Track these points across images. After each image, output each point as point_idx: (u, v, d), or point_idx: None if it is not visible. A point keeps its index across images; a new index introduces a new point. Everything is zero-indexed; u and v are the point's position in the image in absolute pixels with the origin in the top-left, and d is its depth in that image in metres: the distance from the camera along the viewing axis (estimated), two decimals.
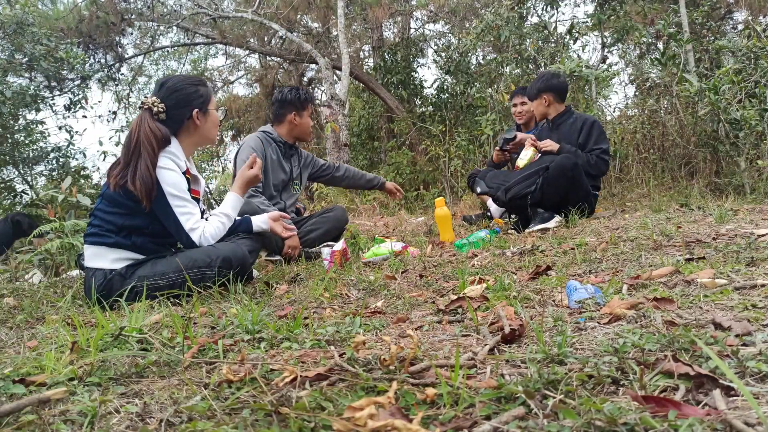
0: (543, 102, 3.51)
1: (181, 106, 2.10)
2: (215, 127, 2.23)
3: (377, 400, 0.73)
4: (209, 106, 2.19)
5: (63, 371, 1.02)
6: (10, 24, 6.71)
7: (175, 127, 2.11)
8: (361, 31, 10.92)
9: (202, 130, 2.17)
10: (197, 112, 2.13)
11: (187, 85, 2.14)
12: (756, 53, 5.19)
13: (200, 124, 2.15)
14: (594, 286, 1.38)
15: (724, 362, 0.80)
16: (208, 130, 2.19)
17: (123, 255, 2.04)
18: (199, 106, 2.14)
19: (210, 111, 2.19)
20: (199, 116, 2.14)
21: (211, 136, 2.22)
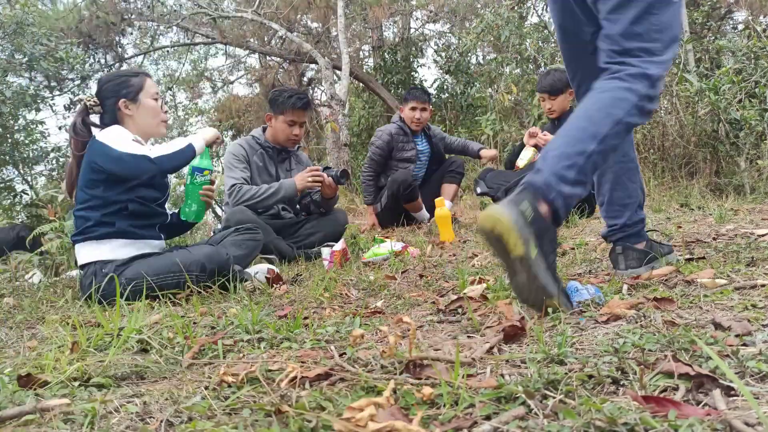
0: (569, 96, 3.49)
1: (109, 97, 2.15)
2: (152, 116, 2.19)
3: (377, 401, 0.73)
4: (141, 95, 2.17)
5: (65, 369, 1.02)
6: (10, 24, 6.71)
7: (110, 118, 2.17)
8: (361, 31, 10.92)
9: (136, 120, 2.17)
10: (124, 101, 2.15)
11: (118, 77, 2.20)
12: (756, 53, 5.19)
13: (131, 112, 2.16)
14: (594, 287, 1.37)
15: (724, 362, 0.80)
16: (142, 118, 2.17)
17: (115, 243, 2.06)
18: (126, 96, 2.15)
19: (142, 100, 2.17)
20: (128, 105, 2.15)
21: (147, 125, 2.19)
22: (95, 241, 2.06)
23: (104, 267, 2.03)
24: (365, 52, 11.75)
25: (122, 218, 2.07)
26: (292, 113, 3.05)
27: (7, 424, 0.81)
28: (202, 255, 2.03)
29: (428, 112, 4.09)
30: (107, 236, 2.06)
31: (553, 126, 3.58)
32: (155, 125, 2.22)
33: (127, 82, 2.17)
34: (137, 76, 2.20)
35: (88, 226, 2.06)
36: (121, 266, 2.02)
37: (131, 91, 2.16)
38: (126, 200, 2.07)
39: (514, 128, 6.53)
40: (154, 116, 2.20)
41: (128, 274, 2.00)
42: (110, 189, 2.05)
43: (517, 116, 7.02)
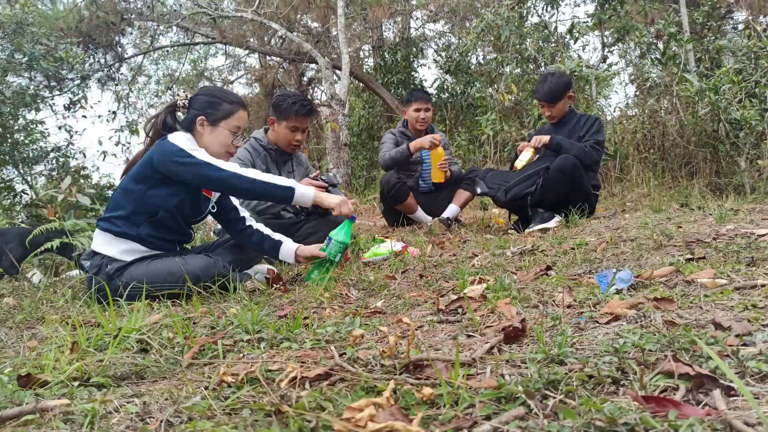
0: (568, 100, 3.51)
1: (195, 107, 2.16)
2: (219, 145, 2.16)
3: (377, 401, 0.73)
4: (221, 123, 2.15)
5: (65, 369, 1.02)
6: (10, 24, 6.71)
7: (186, 124, 2.19)
8: (361, 30, 10.92)
9: (204, 140, 2.15)
10: (202, 119, 2.14)
11: (215, 94, 2.20)
12: (756, 53, 5.19)
13: (201, 131, 2.15)
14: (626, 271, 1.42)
15: (724, 362, 0.80)
16: (209, 142, 2.15)
17: (128, 246, 2.07)
18: (208, 115, 2.14)
19: (219, 128, 2.15)
20: (203, 124, 2.15)
21: (212, 150, 2.14)
22: (113, 236, 2.07)
23: (109, 264, 2.04)
24: (365, 52, 11.76)
25: (148, 223, 2.08)
26: (296, 119, 3.04)
27: (7, 424, 0.81)
28: (197, 267, 2.02)
29: (431, 112, 4.11)
30: (126, 236, 2.06)
31: (553, 128, 3.57)
32: (215, 152, 2.15)
33: (217, 103, 2.16)
34: (230, 103, 2.18)
35: (115, 215, 2.07)
36: (122, 268, 2.03)
37: (218, 115, 2.15)
38: (160, 205, 2.06)
39: (514, 128, 6.53)
40: (220, 145, 2.17)
41: (126, 277, 2.01)
42: (154, 188, 2.06)
43: (517, 116, 7.01)
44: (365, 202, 6.61)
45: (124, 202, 2.07)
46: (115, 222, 2.07)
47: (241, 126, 2.21)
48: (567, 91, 3.47)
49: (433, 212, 4.00)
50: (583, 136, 3.40)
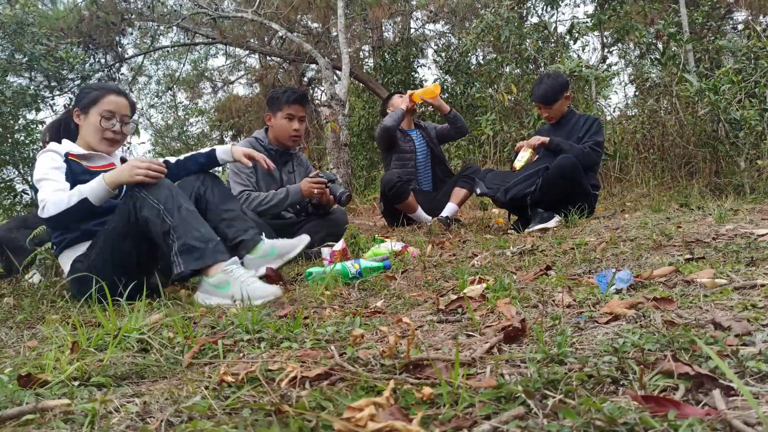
0: (564, 101, 3.51)
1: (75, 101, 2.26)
2: (94, 131, 2.20)
3: (377, 401, 0.73)
4: (91, 110, 2.20)
5: (65, 369, 1.02)
6: (10, 24, 6.71)
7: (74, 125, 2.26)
8: (361, 31, 10.92)
9: (82, 131, 2.23)
10: (77, 110, 2.23)
11: (88, 86, 2.28)
12: (756, 53, 5.19)
13: (79, 122, 2.23)
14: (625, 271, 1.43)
15: (723, 362, 0.80)
16: (86, 131, 2.22)
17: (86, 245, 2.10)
18: (80, 105, 2.22)
19: (90, 113, 2.20)
20: (78, 115, 2.23)
21: (91, 139, 2.21)
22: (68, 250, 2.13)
23: (80, 261, 2.07)
24: (365, 52, 11.76)
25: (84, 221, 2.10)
26: (289, 107, 3.08)
27: (7, 424, 0.81)
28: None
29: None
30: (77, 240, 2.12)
31: (552, 128, 3.57)
32: (93, 139, 2.22)
33: (89, 93, 2.22)
34: (99, 90, 2.23)
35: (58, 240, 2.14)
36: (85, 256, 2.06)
37: (87, 102, 2.21)
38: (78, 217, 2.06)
39: (514, 128, 6.53)
40: (94, 131, 2.21)
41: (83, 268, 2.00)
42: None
43: (517, 116, 7.02)
44: (365, 202, 6.61)
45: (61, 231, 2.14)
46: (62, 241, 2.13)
47: (114, 110, 2.22)
48: (563, 92, 3.47)
49: (432, 211, 4.00)
50: (583, 136, 3.41)
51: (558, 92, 3.45)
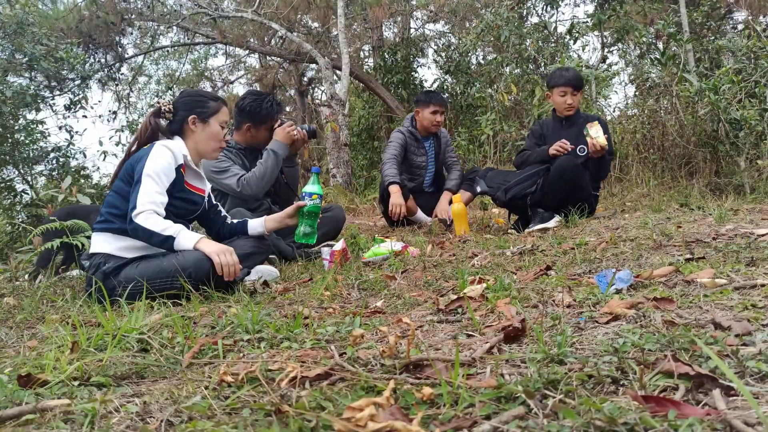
0: (581, 95, 3.50)
1: (184, 109, 2.27)
2: (212, 140, 2.29)
3: (377, 401, 0.73)
4: (211, 119, 2.28)
5: (65, 369, 1.02)
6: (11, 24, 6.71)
7: (176, 127, 2.28)
8: (361, 31, 10.92)
9: (196, 138, 2.27)
10: (194, 118, 2.25)
11: (200, 95, 2.36)
12: (756, 53, 5.19)
13: (195, 130, 2.26)
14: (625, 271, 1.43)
15: (723, 362, 0.80)
16: (203, 140, 2.28)
17: (126, 243, 2.09)
18: (198, 114, 2.26)
19: (210, 123, 2.28)
20: (195, 122, 2.26)
21: (205, 147, 2.29)
22: (112, 234, 2.10)
23: (107, 262, 2.06)
24: (365, 52, 11.76)
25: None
26: (273, 120, 3.12)
27: (7, 424, 0.81)
28: (189, 262, 2.01)
29: (443, 117, 4.09)
30: (124, 233, 2.08)
31: (560, 125, 3.50)
32: (209, 148, 2.31)
33: (205, 102, 2.30)
34: (216, 101, 2.32)
35: (112, 214, 2.11)
36: (119, 267, 2.04)
37: (206, 112, 2.28)
38: None
39: (514, 128, 6.53)
40: (212, 140, 2.30)
41: (122, 276, 2.02)
42: None
43: (517, 116, 7.02)
44: (365, 202, 6.61)
45: (118, 202, 2.11)
46: (112, 220, 2.10)
47: (227, 120, 2.34)
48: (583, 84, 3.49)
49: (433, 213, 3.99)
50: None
51: (582, 81, 3.45)
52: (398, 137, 4.04)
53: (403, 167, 4.05)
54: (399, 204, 3.69)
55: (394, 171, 3.86)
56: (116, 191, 2.15)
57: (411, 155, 4.07)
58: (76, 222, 2.95)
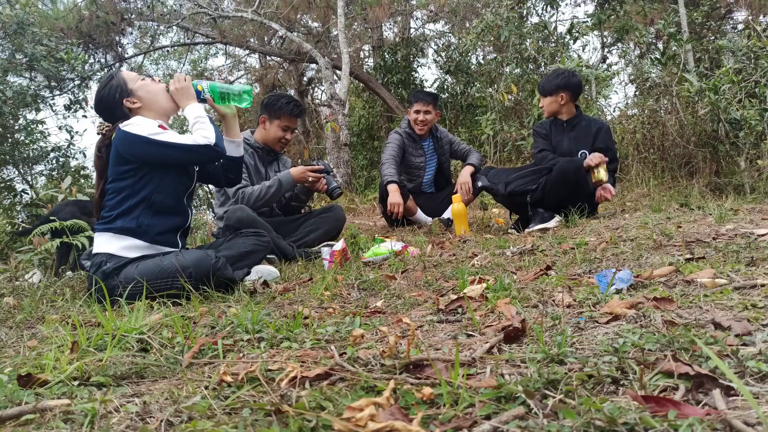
0: (558, 99, 3.43)
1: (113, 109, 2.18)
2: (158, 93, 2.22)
3: (377, 401, 0.73)
4: (131, 85, 2.19)
5: (65, 369, 1.02)
6: (11, 24, 6.71)
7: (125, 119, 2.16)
8: (361, 30, 10.91)
9: (145, 105, 2.19)
10: (125, 100, 2.17)
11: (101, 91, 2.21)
12: (756, 53, 5.20)
13: (139, 103, 2.18)
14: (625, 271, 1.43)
15: (723, 362, 0.80)
16: (150, 100, 2.20)
17: (128, 243, 2.07)
18: (122, 94, 2.17)
19: (134, 88, 2.19)
20: (130, 102, 2.18)
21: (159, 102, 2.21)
22: (113, 234, 2.09)
23: (108, 261, 2.05)
24: (365, 52, 11.75)
25: (146, 211, 2.09)
26: (288, 119, 3.18)
27: (7, 424, 0.81)
28: (189, 261, 2.01)
29: (433, 115, 4.04)
30: (125, 232, 2.08)
31: (561, 130, 3.49)
32: (162, 100, 2.23)
33: (111, 87, 2.19)
34: (112, 78, 2.22)
35: (112, 215, 2.10)
36: (119, 267, 2.04)
37: (122, 89, 2.18)
38: (153, 190, 2.09)
39: (514, 128, 6.53)
40: (158, 92, 2.22)
41: (122, 276, 2.02)
42: (140, 177, 2.09)
43: (517, 116, 7.02)
44: (365, 202, 6.61)
45: (117, 204, 2.10)
46: (113, 221, 2.09)
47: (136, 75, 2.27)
48: (559, 90, 3.42)
49: (434, 213, 3.99)
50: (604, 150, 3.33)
51: (552, 88, 3.42)
52: (395, 138, 4.05)
53: (401, 168, 4.05)
54: (397, 203, 3.69)
55: (393, 171, 3.86)
56: (114, 190, 2.12)
57: (409, 156, 4.07)
58: (76, 222, 2.95)
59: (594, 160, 3.18)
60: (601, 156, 3.20)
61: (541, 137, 3.54)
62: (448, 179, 4.27)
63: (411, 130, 4.07)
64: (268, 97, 3.22)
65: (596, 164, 3.18)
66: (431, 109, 4.00)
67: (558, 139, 3.47)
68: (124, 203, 2.08)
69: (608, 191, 3.28)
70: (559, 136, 3.47)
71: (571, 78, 3.43)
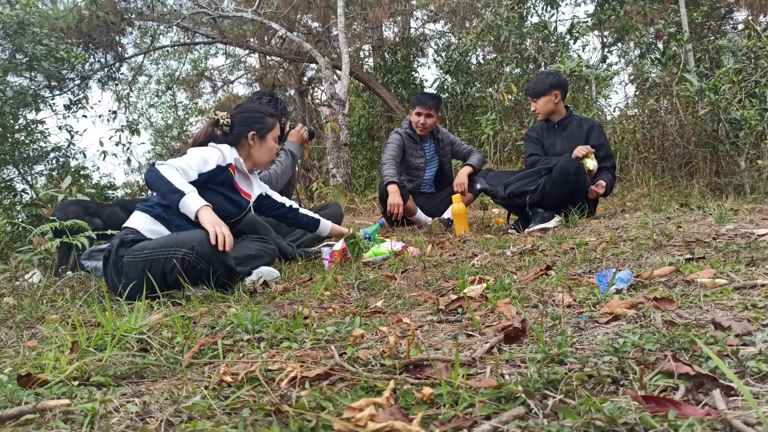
0: (553, 98, 3.44)
1: (242, 124, 2.43)
2: (267, 154, 2.48)
3: (377, 401, 0.73)
4: (268, 135, 2.46)
5: (65, 369, 1.02)
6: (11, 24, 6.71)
7: (234, 140, 2.42)
8: (361, 30, 10.92)
9: (254, 152, 2.44)
10: (253, 134, 2.42)
11: (257, 111, 2.49)
12: (756, 53, 5.20)
13: (253, 145, 2.43)
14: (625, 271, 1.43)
15: (724, 362, 0.80)
16: (259, 154, 2.46)
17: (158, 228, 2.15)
18: (257, 130, 2.43)
19: (267, 139, 2.46)
20: (254, 138, 2.43)
21: (261, 160, 2.48)
22: (150, 216, 2.16)
23: (131, 234, 2.11)
24: (365, 51, 11.76)
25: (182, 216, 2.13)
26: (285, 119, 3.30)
27: (7, 424, 0.81)
28: (194, 237, 2.01)
29: (434, 119, 4.04)
30: (161, 220, 2.15)
31: (553, 132, 3.52)
32: (265, 161, 2.50)
33: (262, 119, 2.46)
34: (272, 117, 2.50)
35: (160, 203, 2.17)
36: (136, 241, 2.09)
37: (264, 129, 2.45)
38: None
39: (514, 128, 6.53)
40: (268, 154, 2.49)
41: (131, 250, 2.05)
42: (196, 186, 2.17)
43: (517, 116, 7.02)
44: (365, 202, 6.61)
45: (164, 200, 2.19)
46: (157, 207, 2.17)
47: (278, 135, 2.53)
48: (552, 89, 3.43)
49: (434, 213, 3.99)
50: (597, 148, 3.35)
51: (546, 88, 3.43)
52: (395, 138, 4.06)
53: (401, 168, 4.05)
54: (397, 204, 3.70)
55: (393, 171, 3.86)
56: None
57: (409, 156, 4.07)
58: (76, 222, 2.95)
59: (581, 151, 3.22)
60: (587, 147, 3.25)
61: (532, 141, 3.56)
62: (449, 179, 4.27)
63: (411, 131, 4.08)
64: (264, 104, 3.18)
65: (583, 155, 3.21)
66: (433, 113, 4.01)
67: (551, 141, 3.49)
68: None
69: (599, 186, 3.31)
70: (551, 138, 3.49)
71: (559, 76, 3.49)
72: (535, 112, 3.56)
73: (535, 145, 3.53)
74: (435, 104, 4.02)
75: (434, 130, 4.14)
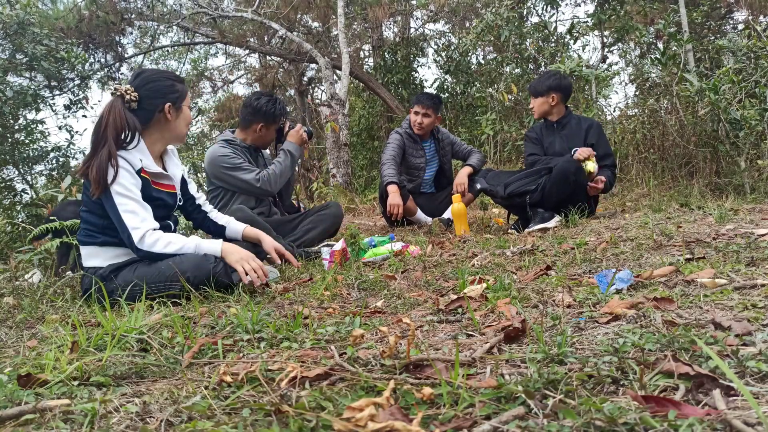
0: (550, 100, 3.45)
1: (153, 98, 2.09)
2: (186, 125, 2.22)
3: (377, 401, 0.73)
4: (183, 103, 2.17)
5: (65, 369, 1.02)
6: (11, 24, 6.71)
7: (146, 118, 2.10)
8: (361, 30, 10.92)
9: (172, 126, 2.15)
10: (170, 106, 2.11)
11: (164, 78, 2.15)
12: (756, 53, 5.20)
13: (171, 119, 2.13)
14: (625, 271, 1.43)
15: (724, 362, 0.80)
16: (179, 126, 2.18)
17: (115, 252, 2.07)
18: (173, 101, 2.12)
19: (183, 108, 2.17)
20: (171, 110, 2.12)
21: (181, 133, 2.21)
22: (97, 247, 2.09)
23: (100, 269, 2.06)
24: (365, 51, 11.76)
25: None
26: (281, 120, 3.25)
27: (7, 424, 0.81)
28: (188, 265, 1.98)
29: (432, 118, 4.02)
30: (108, 244, 2.08)
31: (552, 131, 3.52)
32: (184, 132, 2.24)
33: (173, 86, 2.14)
34: (181, 82, 2.19)
35: (91, 231, 2.09)
36: (115, 270, 2.04)
37: (178, 97, 2.15)
38: None
39: (514, 128, 6.53)
40: (187, 124, 2.23)
41: (119, 279, 2.01)
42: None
43: (517, 116, 7.02)
44: (365, 202, 6.61)
45: (94, 219, 2.08)
46: (93, 234, 2.08)
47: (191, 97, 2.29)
48: (551, 91, 3.44)
49: (434, 213, 3.99)
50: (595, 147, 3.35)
51: (544, 89, 3.45)
52: (395, 138, 4.06)
53: (402, 168, 4.05)
54: (397, 204, 3.70)
55: (393, 171, 3.86)
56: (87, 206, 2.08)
57: (409, 156, 4.08)
58: (76, 222, 2.94)
59: (583, 153, 3.21)
60: (588, 149, 3.24)
61: (531, 141, 3.57)
62: (450, 179, 4.27)
63: (411, 131, 4.08)
64: (263, 104, 3.15)
65: (585, 158, 3.21)
66: (430, 113, 4.00)
67: (550, 140, 3.49)
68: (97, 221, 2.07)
69: (598, 181, 3.31)
70: (550, 137, 3.50)
71: (562, 80, 3.48)
72: (532, 109, 3.58)
73: (534, 145, 3.54)
74: (433, 104, 4.01)
75: (434, 130, 4.14)
